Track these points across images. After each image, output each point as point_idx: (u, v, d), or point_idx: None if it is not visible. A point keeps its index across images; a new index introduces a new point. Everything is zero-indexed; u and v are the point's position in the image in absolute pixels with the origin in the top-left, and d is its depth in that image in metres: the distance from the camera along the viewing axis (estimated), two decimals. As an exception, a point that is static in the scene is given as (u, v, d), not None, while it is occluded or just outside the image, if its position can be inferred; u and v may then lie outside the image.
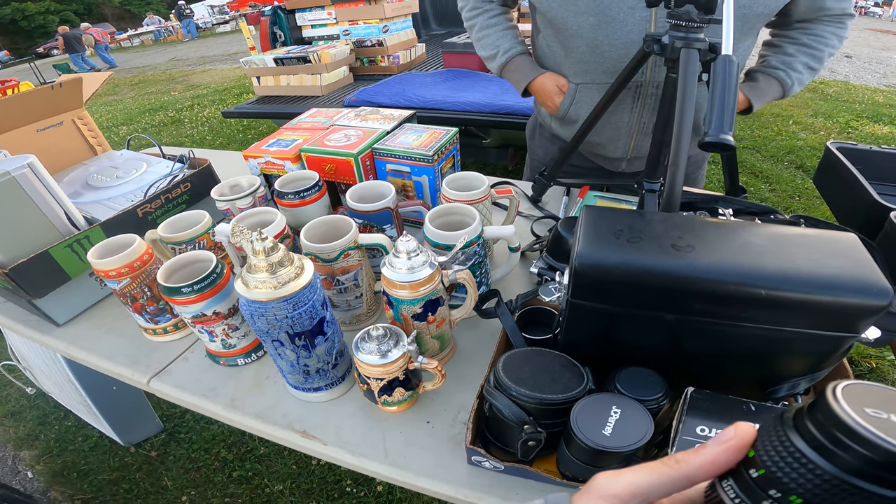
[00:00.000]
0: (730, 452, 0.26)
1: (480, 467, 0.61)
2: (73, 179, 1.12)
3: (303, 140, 1.02)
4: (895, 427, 0.22)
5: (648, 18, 0.88)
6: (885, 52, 7.72)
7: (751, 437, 0.26)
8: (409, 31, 3.35)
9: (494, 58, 1.13)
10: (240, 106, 2.95)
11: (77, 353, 0.88)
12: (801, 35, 0.98)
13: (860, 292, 0.46)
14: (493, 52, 1.12)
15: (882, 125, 4.26)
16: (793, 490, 0.23)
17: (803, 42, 0.98)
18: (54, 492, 1.69)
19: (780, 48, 1.00)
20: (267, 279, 0.53)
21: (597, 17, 0.91)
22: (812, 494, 0.23)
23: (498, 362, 0.57)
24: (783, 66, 0.99)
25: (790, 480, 0.23)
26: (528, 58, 1.12)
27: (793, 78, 0.99)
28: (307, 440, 0.68)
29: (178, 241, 0.81)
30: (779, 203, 3.01)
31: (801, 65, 0.99)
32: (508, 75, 1.14)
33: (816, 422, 0.23)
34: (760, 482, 0.25)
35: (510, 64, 1.12)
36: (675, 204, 0.69)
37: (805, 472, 0.23)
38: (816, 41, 0.97)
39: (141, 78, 9.93)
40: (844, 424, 0.22)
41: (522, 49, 1.12)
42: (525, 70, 1.11)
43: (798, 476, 0.23)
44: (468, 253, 0.72)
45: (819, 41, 0.97)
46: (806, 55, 0.98)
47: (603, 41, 0.93)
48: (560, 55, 1.04)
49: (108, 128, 6.08)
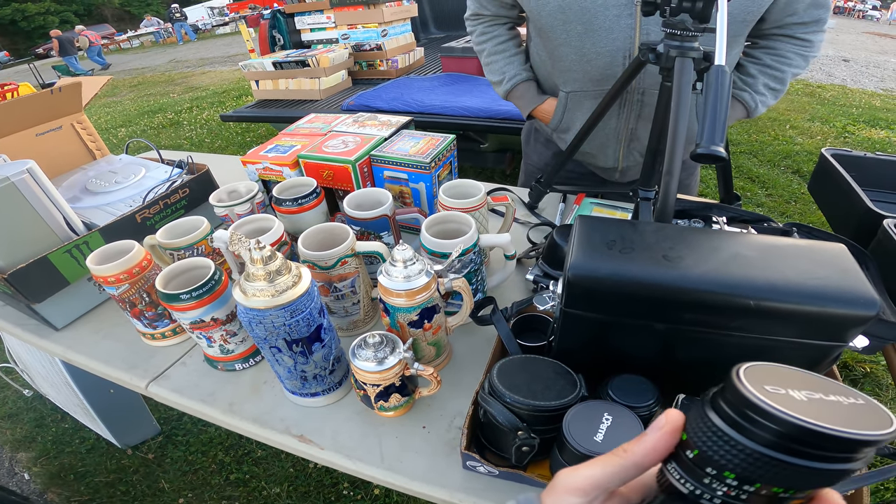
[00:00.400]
0: (665, 438, 0.29)
1: (475, 472, 0.62)
2: (71, 184, 1.13)
3: (301, 146, 1.03)
4: (792, 400, 0.25)
5: (633, 26, 0.90)
6: (883, 56, 7.76)
7: (681, 421, 0.29)
8: (407, 35, 3.36)
9: (501, 83, 1.17)
10: (238, 110, 2.95)
11: (75, 358, 0.89)
12: (765, 56, 0.99)
13: (848, 303, 0.47)
14: (500, 78, 1.16)
15: (879, 129, 4.28)
16: (724, 466, 0.25)
17: (766, 63, 0.99)
18: (51, 493, 1.69)
19: (743, 68, 1.02)
20: (265, 287, 0.54)
21: (583, 26, 0.92)
22: (741, 469, 0.25)
23: (493, 369, 0.58)
24: (747, 87, 1.01)
25: (720, 458, 0.26)
26: (532, 84, 1.16)
27: (756, 100, 1.01)
28: (304, 444, 0.69)
29: (176, 246, 0.82)
30: (775, 208, 3.03)
31: (762, 86, 1.00)
32: (514, 101, 1.19)
33: (727, 401, 0.26)
34: (697, 461, 0.27)
35: (515, 90, 1.16)
36: (669, 213, 0.70)
37: (729, 449, 0.25)
38: (779, 62, 0.98)
39: (140, 79, 9.94)
40: (748, 401, 0.25)
41: (528, 76, 1.15)
42: (529, 96, 1.15)
43: (724, 453, 0.25)
44: (464, 261, 0.73)
45: (782, 62, 0.98)
46: (767, 76, 1.00)
47: (590, 49, 0.94)
48: (548, 64, 1.06)
49: (106, 129, 6.08)
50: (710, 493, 0.27)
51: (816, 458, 0.24)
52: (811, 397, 0.26)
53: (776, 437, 0.24)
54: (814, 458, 0.24)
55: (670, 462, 0.29)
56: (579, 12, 0.91)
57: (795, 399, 0.25)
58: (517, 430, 0.54)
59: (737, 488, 0.26)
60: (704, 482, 0.27)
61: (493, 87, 1.21)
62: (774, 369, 0.28)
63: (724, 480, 0.26)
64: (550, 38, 0.99)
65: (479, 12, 1.14)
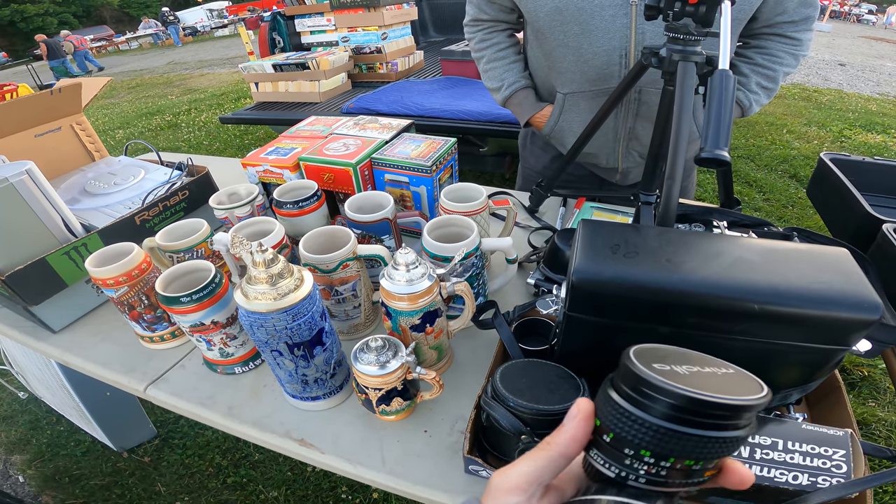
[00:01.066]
0: (581, 425, 0.30)
1: (477, 476, 0.62)
2: (70, 186, 1.12)
3: (301, 149, 1.03)
4: (676, 374, 0.27)
5: (629, 25, 0.91)
6: (879, 60, 7.81)
7: (590, 407, 0.31)
8: (407, 39, 3.36)
9: (499, 90, 1.17)
10: (237, 112, 2.95)
11: (73, 360, 0.88)
12: (756, 55, 1.01)
13: (851, 307, 0.47)
14: (499, 85, 1.17)
15: (875, 134, 4.30)
16: (639, 445, 0.27)
17: (758, 62, 1.00)
18: (46, 496, 1.68)
19: (736, 68, 1.03)
20: (267, 290, 0.54)
21: (580, 27, 0.93)
22: (653, 445, 0.27)
23: (496, 373, 0.57)
24: (740, 87, 1.02)
25: (632, 437, 0.27)
26: (531, 92, 1.17)
27: (750, 99, 1.03)
28: (305, 448, 0.68)
29: (175, 249, 0.81)
30: (773, 212, 3.04)
31: (755, 85, 1.02)
32: (511, 108, 1.20)
33: (624, 381, 0.28)
34: (614, 444, 0.28)
35: (514, 97, 1.17)
36: (671, 217, 0.70)
37: (636, 426, 0.27)
38: (771, 61, 1.00)
39: (138, 81, 9.93)
40: (641, 378, 0.27)
41: (526, 83, 1.16)
42: (527, 104, 1.16)
43: (635, 431, 0.27)
44: (466, 265, 0.73)
45: (774, 61, 1.00)
46: (760, 76, 1.02)
47: (587, 50, 0.95)
48: (545, 66, 1.06)
49: (104, 131, 6.07)
50: (634, 473, 0.28)
51: (707, 426, 0.26)
52: (691, 370, 0.28)
53: (670, 409, 0.26)
54: (705, 426, 0.26)
55: (592, 449, 0.30)
56: (576, 13, 0.92)
57: (679, 373, 0.28)
58: (521, 434, 0.53)
59: (655, 465, 0.27)
60: (626, 463, 0.28)
61: (491, 94, 1.21)
62: (658, 349, 0.30)
63: (642, 459, 0.27)
64: (548, 40, 1.00)
65: (478, 17, 1.14)
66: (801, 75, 6.66)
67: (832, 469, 0.52)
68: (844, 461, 0.52)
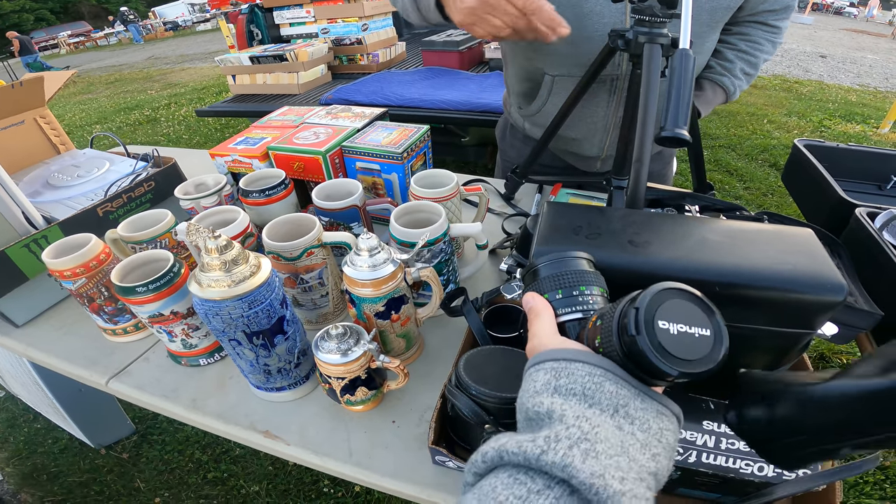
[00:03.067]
0: (542, 299, 0.42)
1: (445, 467, 0.61)
2: (33, 179, 1.09)
3: (271, 138, 1.01)
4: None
5: (623, 10, 0.89)
6: (859, 53, 7.91)
7: (529, 294, 0.43)
8: (389, 30, 3.32)
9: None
10: (214, 105, 2.90)
11: (36, 355, 0.86)
12: (740, 42, 1.01)
13: (815, 288, 0.46)
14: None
15: (854, 124, 4.36)
16: (573, 284, 0.41)
17: (741, 49, 1.01)
18: (24, 494, 1.66)
19: (721, 54, 1.03)
20: (221, 277, 0.52)
21: (573, 11, 0.90)
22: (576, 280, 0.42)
23: (459, 361, 0.56)
24: (727, 72, 1.02)
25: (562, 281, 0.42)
26: None
27: (735, 84, 1.03)
28: (270, 440, 0.67)
29: (138, 240, 0.79)
30: (753, 201, 3.06)
31: (739, 71, 1.02)
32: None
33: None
34: (565, 295, 0.41)
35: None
36: (639, 200, 0.69)
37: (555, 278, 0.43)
38: (753, 48, 1.00)
39: (117, 76, 9.74)
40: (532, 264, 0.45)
41: None
42: None
43: (559, 280, 0.42)
44: (434, 250, 0.72)
45: (755, 48, 1.00)
46: (743, 62, 1.02)
47: (580, 34, 0.92)
48: (529, 49, 1.03)
49: (81, 126, 5.95)
50: (587, 305, 0.39)
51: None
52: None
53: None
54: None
55: (559, 317, 0.40)
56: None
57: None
58: (484, 423, 0.52)
59: (591, 294, 0.40)
60: (579, 300, 0.40)
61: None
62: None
63: (583, 293, 0.40)
64: None
65: None
66: (783, 67, 6.72)
67: None
68: None
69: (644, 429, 0.31)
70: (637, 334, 0.31)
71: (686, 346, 0.31)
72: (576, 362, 0.34)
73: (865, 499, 1.48)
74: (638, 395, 0.32)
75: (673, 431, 0.33)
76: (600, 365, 0.33)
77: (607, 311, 0.35)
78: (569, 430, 0.29)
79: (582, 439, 0.29)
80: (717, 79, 1.02)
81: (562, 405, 0.31)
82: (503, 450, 0.30)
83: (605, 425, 0.30)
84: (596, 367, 0.33)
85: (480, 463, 0.32)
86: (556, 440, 0.29)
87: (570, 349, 0.35)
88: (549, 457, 0.28)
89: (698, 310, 0.33)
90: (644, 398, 0.33)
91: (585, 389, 0.32)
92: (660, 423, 0.32)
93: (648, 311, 0.32)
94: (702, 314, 0.33)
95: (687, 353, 0.31)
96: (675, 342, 0.31)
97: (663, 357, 0.31)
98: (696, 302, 0.33)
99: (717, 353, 0.31)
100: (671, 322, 0.32)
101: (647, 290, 0.33)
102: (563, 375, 0.33)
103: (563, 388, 0.32)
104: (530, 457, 0.29)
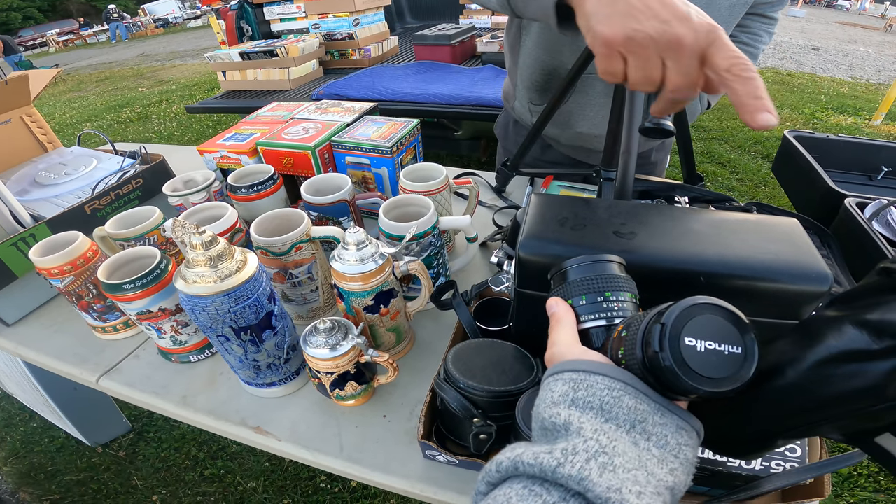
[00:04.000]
0: (560, 301, 0.42)
1: (436, 461, 0.61)
2: (20, 177, 1.08)
3: (260, 134, 1.00)
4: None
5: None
6: (851, 45, 7.92)
7: (553, 298, 0.43)
8: (380, 25, 3.30)
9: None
10: (205, 101, 2.87)
11: (27, 353, 0.86)
12: (741, 34, 1.01)
13: (800, 278, 0.46)
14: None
15: (847, 116, 4.37)
16: (601, 290, 0.41)
17: (743, 41, 1.00)
18: (23, 493, 1.66)
19: None
20: (206, 273, 0.52)
21: None
22: (601, 286, 0.41)
23: (448, 355, 0.56)
24: None
25: (585, 286, 0.41)
26: None
27: None
28: (261, 436, 0.67)
29: (126, 237, 0.78)
30: (745, 192, 3.07)
31: None
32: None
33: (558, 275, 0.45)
34: (589, 301, 0.41)
35: None
36: (627, 191, 0.69)
37: (580, 282, 0.42)
38: (753, 39, 1.00)
39: (107, 74, 9.65)
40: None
41: None
42: None
43: (583, 285, 0.42)
44: (423, 244, 0.72)
45: (755, 39, 1.00)
46: (746, 54, 1.00)
47: None
48: (556, 41, 0.96)
49: (71, 124, 5.90)
50: (611, 312, 0.39)
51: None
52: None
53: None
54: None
55: (582, 322, 0.40)
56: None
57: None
58: (472, 416, 0.52)
59: (616, 300, 0.39)
60: (603, 307, 0.39)
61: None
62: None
63: (608, 300, 0.39)
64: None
65: None
66: (775, 59, 6.73)
67: (786, 453, 0.51)
68: (799, 445, 0.52)
69: (661, 445, 0.31)
70: (660, 350, 0.30)
71: (713, 364, 0.30)
72: (595, 375, 0.33)
73: (860, 491, 1.50)
74: (658, 410, 0.32)
75: (692, 447, 0.32)
76: (620, 378, 0.33)
77: (634, 321, 0.34)
78: (586, 442, 0.29)
79: (600, 452, 0.28)
80: None
81: (579, 418, 0.31)
82: (518, 460, 0.30)
83: (622, 440, 0.30)
84: (616, 380, 0.32)
85: (494, 472, 0.31)
86: (574, 453, 0.28)
87: (590, 361, 0.34)
88: (565, 469, 0.28)
89: (731, 326, 0.32)
90: (664, 413, 0.32)
91: (603, 403, 0.31)
92: (679, 438, 0.32)
93: (675, 328, 0.31)
94: (735, 331, 0.31)
95: (713, 370, 0.30)
96: (702, 360, 0.30)
97: (686, 375, 0.30)
98: (729, 318, 0.32)
99: (746, 372, 0.30)
100: (699, 339, 0.31)
101: (677, 305, 0.32)
102: (581, 388, 0.33)
103: (581, 401, 0.32)
104: (546, 469, 0.28)
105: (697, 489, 0.53)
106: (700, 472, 0.51)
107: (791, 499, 0.52)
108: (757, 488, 0.47)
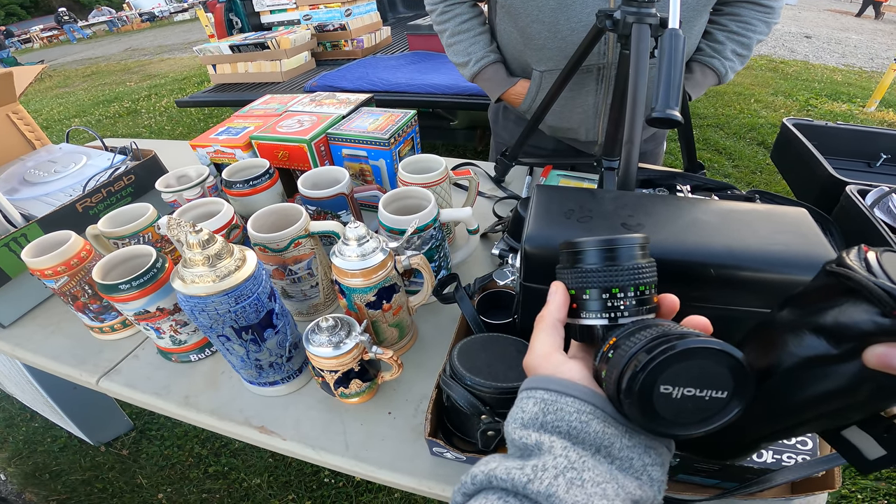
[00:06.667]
0: (559, 293, 0.39)
1: (443, 458, 0.60)
2: (9, 176, 1.06)
3: (254, 127, 0.98)
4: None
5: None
6: (844, 33, 7.90)
7: (559, 283, 0.40)
8: (373, 15, 3.26)
9: (467, 65, 1.10)
10: (195, 95, 2.83)
11: (24, 355, 0.84)
12: (730, 22, 0.99)
13: (809, 268, 0.45)
14: (466, 60, 1.10)
15: (840, 103, 4.37)
16: (607, 286, 0.37)
17: (732, 30, 0.99)
18: (28, 493, 1.65)
19: (711, 35, 1.01)
20: (205, 273, 0.51)
21: (556, 1, 0.88)
22: (606, 282, 0.37)
23: (453, 350, 0.55)
24: (717, 54, 1.00)
25: (589, 283, 0.38)
26: (501, 67, 1.10)
27: (726, 66, 1.01)
28: (265, 435, 0.66)
29: (120, 235, 0.77)
30: (741, 178, 3.08)
31: (730, 52, 1.00)
32: (481, 83, 1.12)
33: (562, 254, 0.42)
34: (588, 300, 0.38)
35: (483, 73, 1.10)
36: (631, 181, 0.68)
37: (583, 275, 0.38)
38: (744, 28, 0.98)
39: (94, 69, 9.49)
40: (574, 243, 0.40)
41: (495, 58, 1.09)
42: (498, 79, 1.09)
43: (588, 279, 0.38)
44: (424, 237, 0.71)
45: (747, 28, 0.98)
46: (734, 42, 1.00)
47: (564, 25, 0.91)
48: (519, 42, 1.01)
49: (59, 120, 5.81)
50: (617, 311, 0.36)
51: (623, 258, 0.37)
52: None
53: (585, 256, 0.38)
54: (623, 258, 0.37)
55: (581, 313, 0.38)
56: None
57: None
58: (480, 413, 0.52)
59: (624, 297, 0.36)
60: (608, 305, 0.36)
61: (458, 69, 1.14)
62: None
63: (615, 296, 0.36)
64: (521, 16, 0.94)
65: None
66: (768, 47, 6.71)
67: (797, 446, 0.50)
68: (810, 437, 0.52)
69: (624, 468, 0.31)
70: (626, 398, 0.30)
71: (687, 410, 0.30)
72: (566, 396, 0.34)
73: (861, 479, 1.51)
74: (626, 433, 0.32)
75: (661, 465, 0.33)
76: (590, 401, 0.33)
77: (624, 344, 0.33)
78: (556, 459, 0.31)
79: (568, 468, 0.30)
80: (707, 61, 1.00)
81: (549, 438, 0.32)
82: (492, 475, 0.32)
83: (590, 459, 0.31)
84: (586, 402, 0.33)
85: (469, 484, 0.33)
86: (543, 469, 0.30)
87: (562, 380, 0.35)
88: (534, 486, 0.29)
89: (722, 369, 0.30)
90: (632, 435, 0.33)
91: (571, 429, 0.32)
92: (645, 459, 0.32)
93: (651, 376, 0.30)
94: (726, 374, 0.30)
95: (686, 416, 0.30)
96: (675, 406, 0.30)
97: (652, 422, 0.30)
98: (722, 362, 0.30)
99: (724, 415, 0.30)
100: (676, 386, 0.30)
101: (660, 350, 0.30)
102: (550, 411, 0.33)
103: (550, 425, 0.33)
104: (517, 484, 0.30)
105: (708, 482, 0.53)
106: (711, 465, 0.50)
107: (801, 491, 0.52)
108: (769, 481, 0.46)
